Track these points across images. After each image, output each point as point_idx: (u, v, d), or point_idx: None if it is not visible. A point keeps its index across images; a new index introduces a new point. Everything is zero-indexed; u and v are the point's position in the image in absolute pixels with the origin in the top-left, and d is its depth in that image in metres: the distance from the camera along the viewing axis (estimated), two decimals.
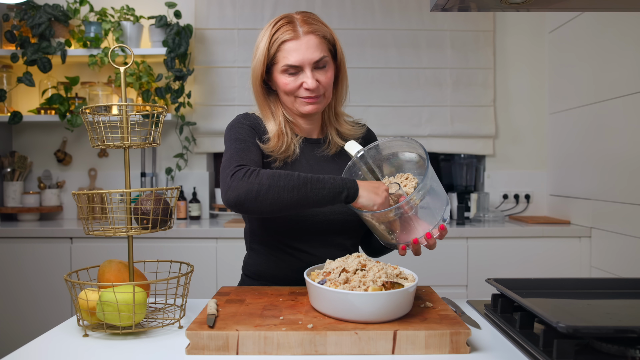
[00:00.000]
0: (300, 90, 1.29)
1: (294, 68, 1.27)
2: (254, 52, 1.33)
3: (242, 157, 1.21)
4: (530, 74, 3.19)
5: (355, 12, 3.14)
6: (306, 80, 1.28)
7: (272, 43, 1.28)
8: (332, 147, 1.40)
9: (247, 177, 1.13)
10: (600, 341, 0.88)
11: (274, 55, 1.28)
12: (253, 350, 0.90)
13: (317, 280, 1.04)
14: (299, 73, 1.28)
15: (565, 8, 1.28)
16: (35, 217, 3.04)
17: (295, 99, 1.31)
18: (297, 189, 1.12)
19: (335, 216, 1.32)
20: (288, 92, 1.30)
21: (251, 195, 1.12)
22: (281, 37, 1.27)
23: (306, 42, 1.27)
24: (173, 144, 3.18)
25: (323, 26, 1.31)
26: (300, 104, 1.31)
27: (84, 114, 1.11)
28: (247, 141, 1.28)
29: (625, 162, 2.35)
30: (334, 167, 1.38)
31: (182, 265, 1.44)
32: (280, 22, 1.29)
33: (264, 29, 1.31)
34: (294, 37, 1.27)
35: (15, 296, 2.66)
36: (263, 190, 1.12)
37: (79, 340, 1.00)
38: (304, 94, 1.29)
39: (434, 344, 0.91)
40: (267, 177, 1.13)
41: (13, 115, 2.91)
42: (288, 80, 1.29)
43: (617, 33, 2.42)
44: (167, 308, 1.17)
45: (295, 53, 1.26)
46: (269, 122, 1.34)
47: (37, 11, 2.87)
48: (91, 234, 1.08)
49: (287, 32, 1.27)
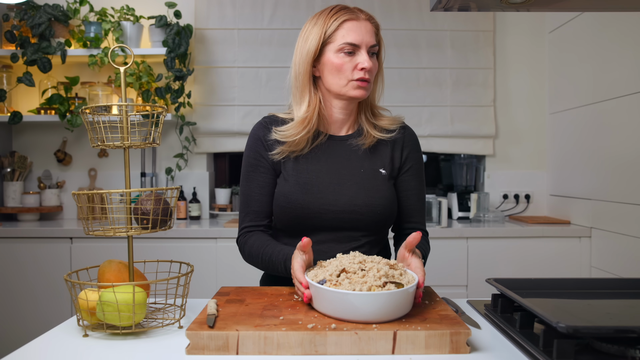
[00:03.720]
0: (354, 72, 1.29)
1: (352, 47, 1.28)
2: (303, 36, 1.34)
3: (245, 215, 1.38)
4: (530, 74, 3.19)
5: None
6: (362, 60, 1.28)
7: (331, 21, 1.29)
8: (365, 141, 1.38)
9: (241, 252, 1.39)
10: (600, 341, 0.88)
11: (332, 34, 1.29)
12: (253, 350, 0.90)
13: (316, 280, 1.03)
14: (354, 54, 1.29)
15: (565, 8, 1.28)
16: (35, 217, 3.04)
17: (347, 82, 1.30)
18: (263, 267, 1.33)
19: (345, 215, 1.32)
20: (343, 72, 1.30)
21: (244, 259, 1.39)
22: (341, 17, 1.29)
23: (365, 26, 1.30)
24: (173, 144, 3.18)
25: (375, 19, 1.34)
26: (351, 87, 1.31)
27: (84, 114, 1.11)
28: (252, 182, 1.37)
29: (625, 162, 2.35)
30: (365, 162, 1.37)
31: (182, 265, 1.44)
32: (335, 8, 1.31)
33: (314, 18, 1.33)
34: (355, 18, 1.29)
35: (15, 296, 2.66)
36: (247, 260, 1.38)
37: (79, 340, 1.00)
38: (357, 76, 1.29)
39: (434, 344, 0.91)
40: (247, 256, 1.36)
41: (13, 115, 2.91)
42: (345, 60, 1.29)
43: (617, 33, 2.42)
44: (167, 308, 1.17)
45: (355, 33, 1.28)
46: (301, 105, 1.35)
47: (37, 11, 2.87)
48: (91, 234, 1.08)
49: (346, 13, 1.30)
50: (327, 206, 1.31)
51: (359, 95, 1.31)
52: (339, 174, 1.35)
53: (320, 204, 1.31)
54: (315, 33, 1.30)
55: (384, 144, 1.40)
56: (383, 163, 1.38)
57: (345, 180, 1.34)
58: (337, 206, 1.31)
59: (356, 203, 1.32)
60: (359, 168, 1.36)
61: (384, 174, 1.37)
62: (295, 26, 3.13)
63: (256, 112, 3.14)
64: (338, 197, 1.32)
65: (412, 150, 1.42)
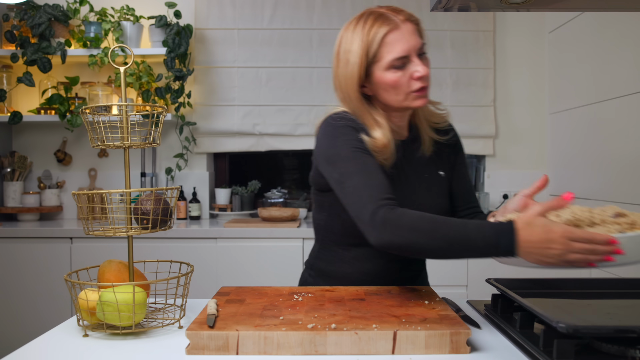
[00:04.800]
0: (410, 83, 1.19)
1: (401, 60, 1.18)
2: (341, 58, 1.22)
3: (373, 189, 1.10)
4: (530, 74, 3.19)
5: (355, 12, 3.10)
6: (417, 69, 1.18)
7: (371, 41, 1.18)
8: (427, 145, 1.31)
9: (388, 226, 1.04)
10: (600, 341, 0.88)
11: (375, 53, 1.18)
12: (253, 350, 0.90)
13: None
14: (405, 65, 1.19)
15: (565, 8, 1.28)
16: (35, 217, 3.04)
17: (405, 96, 1.20)
18: (442, 249, 1.03)
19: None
20: (399, 87, 1.19)
21: (395, 247, 1.06)
22: (380, 31, 1.17)
23: (407, 29, 1.19)
24: (173, 144, 3.17)
25: (411, 13, 1.23)
26: (411, 99, 1.21)
27: (84, 114, 1.11)
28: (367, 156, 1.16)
29: (625, 162, 2.35)
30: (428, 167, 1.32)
31: (182, 265, 1.44)
32: (370, 18, 1.20)
33: (349, 31, 1.22)
34: (394, 28, 1.18)
35: (15, 296, 2.66)
36: (405, 245, 1.04)
37: (79, 340, 1.00)
38: (416, 86, 1.19)
39: (434, 344, 0.91)
40: (409, 231, 1.03)
41: (13, 115, 2.90)
42: (397, 75, 1.19)
43: (617, 33, 2.42)
44: (167, 308, 1.17)
45: (400, 43, 1.17)
46: (375, 132, 1.21)
47: (37, 11, 2.87)
48: (91, 234, 1.08)
49: (383, 25, 1.18)
50: None
51: (422, 104, 1.22)
52: (408, 180, 1.30)
53: None
54: (356, 55, 1.19)
55: (439, 145, 1.35)
56: (442, 165, 1.35)
57: (415, 187, 1.30)
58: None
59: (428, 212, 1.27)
60: (423, 173, 1.32)
61: (442, 176, 1.34)
62: (295, 26, 3.13)
63: (256, 112, 3.14)
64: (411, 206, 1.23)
65: (460, 145, 1.41)
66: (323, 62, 3.13)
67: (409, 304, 1.09)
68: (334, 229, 1.33)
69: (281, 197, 3.16)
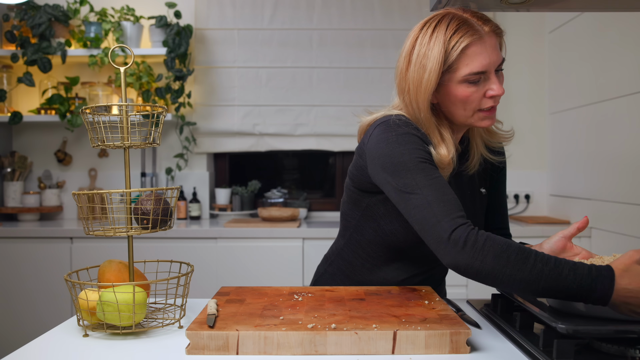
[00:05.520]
0: (483, 100, 1.12)
1: (478, 75, 1.10)
2: (414, 61, 1.13)
3: (448, 204, 1.03)
4: (530, 74, 3.19)
5: (355, 12, 3.14)
6: (492, 87, 1.10)
7: (452, 49, 1.09)
8: (475, 163, 1.23)
9: (468, 248, 0.97)
10: (600, 341, 0.88)
11: (453, 63, 1.09)
12: (253, 350, 0.90)
13: None
14: (480, 81, 1.11)
15: (565, 8, 1.28)
16: (35, 217, 3.04)
17: (473, 113, 1.13)
18: (528, 284, 0.93)
19: None
20: (470, 103, 1.11)
21: (471, 271, 0.97)
22: (463, 41, 1.08)
23: (490, 43, 1.10)
24: (173, 144, 3.18)
25: (496, 23, 1.14)
26: (478, 118, 1.13)
27: (84, 114, 1.11)
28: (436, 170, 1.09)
29: (625, 162, 2.35)
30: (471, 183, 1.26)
31: (182, 265, 1.44)
32: (452, 24, 1.10)
33: (428, 34, 1.12)
34: (478, 40, 1.09)
35: (15, 296, 2.66)
36: (484, 272, 0.96)
37: (79, 340, 1.00)
38: (487, 105, 1.12)
39: (434, 344, 0.91)
40: (493, 258, 0.95)
41: (13, 116, 2.91)
42: (470, 90, 1.10)
43: (617, 33, 2.42)
44: (167, 308, 1.17)
45: (481, 57, 1.09)
46: (440, 148, 1.14)
47: (37, 11, 2.87)
48: (91, 234, 1.08)
49: (467, 33, 1.09)
50: None
51: (488, 125, 1.14)
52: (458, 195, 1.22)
53: None
54: (434, 61, 1.09)
55: (485, 162, 1.28)
56: (485, 182, 1.31)
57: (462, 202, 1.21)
58: None
59: None
60: (467, 189, 1.26)
61: (483, 194, 1.30)
62: (295, 26, 3.13)
63: (256, 112, 3.14)
64: None
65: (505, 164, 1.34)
66: (323, 62, 3.13)
67: (409, 304, 1.09)
68: (364, 231, 1.27)
69: (281, 197, 3.17)
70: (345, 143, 3.17)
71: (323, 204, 3.34)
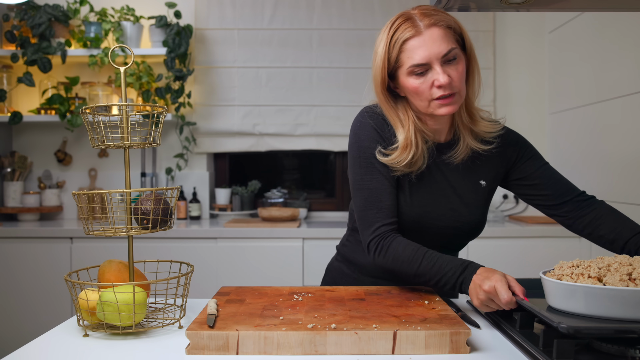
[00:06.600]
0: (432, 90, 1.17)
1: (421, 67, 1.16)
2: (373, 58, 1.23)
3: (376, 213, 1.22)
4: (530, 74, 3.19)
5: (355, 12, 3.14)
6: (437, 77, 1.15)
7: (392, 45, 1.18)
8: (461, 153, 1.27)
9: (378, 254, 1.21)
10: (600, 341, 0.88)
11: (397, 57, 1.19)
12: (253, 350, 0.90)
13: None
14: (427, 72, 1.17)
15: (565, 8, 1.28)
16: (35, 217, 3.04)
17: (428, 102, 1.19)
18: (417, 277, 1.17)
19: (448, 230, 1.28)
20: (420, 94, 1.19)
21: (380, 268, 1.24)
22: (401, 37, 1.17)
23: (430, 36, 1.15)
24: (173, 144, 3.18)
25: (445, 15, 1.19)
26: (435, 106, 1.19)
27: (84, 114, 1.11)
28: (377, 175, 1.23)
29: (625, 162, 2.35)
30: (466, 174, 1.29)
31: (182, 265, 1.44)
32: (397, 21, 1.19)
33: (381, 32, 1.22)
34: (415, 34, 1.16)
35: (15, 296, 2.66)
36: (389, 269, 1.21)
37: (79, 340, 1.00)
38: (437, 94, 1.17)
39: (434, 344, 0.91)
40: (392, 260, 1.19)
41: (13, 116, 2.91)
42: (418, 81, 1.18)
43: (617, 33, 2.42)
44: (167, 308, 1.18)
45: (420, 50, 1.15)
46: (398, 131, 1.24)
47: (37, 11, 2.87)
48: (91, 234, 1.08)
49: (406, 29, 1.17)
50: (433, 221, 1.27)
51: (446, 113, 1.19)
52: (439, 185, 1.28)
53: (428, 218, 1.26)
54: (379, 57, 1.20)
55: (485, 154, 1.30)
56: (484, 174, 1.31)
57: (447, 192, 1.28)
58: (442, 221, 1.27)
59: (458, 219, 1.28)
60: (460, 180, 1.29)
61: (484, 186, 1.31)
62: (295, 26, 3.13)
63: (256, 112, 3.14)
64: (444, 211, 1.27)
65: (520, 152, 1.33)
66: (323, 62, 3.13)
67: (409, 304, 1.09)
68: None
69: (281, 197, 3.17)
70: (345, 143, 3.17)
71: (323, 204, 3.34)
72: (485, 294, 1.05)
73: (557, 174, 1.34)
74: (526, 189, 1.34)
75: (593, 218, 1.29)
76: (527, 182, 1.33)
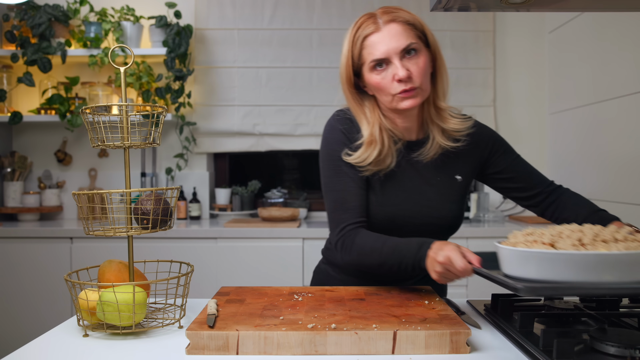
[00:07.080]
0: (393, 85, 1.20)
1: (381, 62, 1.20)
2: (341, 60, 1.27)
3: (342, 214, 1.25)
4: (530, 74, 3.19)
5: (355, 12, 3.14)
6: (397, 71, 1.18)
7: (354, 42, 1.23)
8: (431, 150, 1.29)
9: (344, 252, 1.25)
10: (600, 341, 0.88)
11: (360, 54, 1.23)
12: (253, 350, 0.90)
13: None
14: (387, 66, 1.21)
15: (565, 8, 1.28)
16: (35, 217, 3.04)
17: (392, 97, 1.22)
18: (381, 267, 1.21)
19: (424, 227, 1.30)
20: (382, 89, 1.22)
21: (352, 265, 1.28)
22: (362, 33, 1.22)
23: (388, 32, 1.20)
24: (173, 144, 3.18)
25: (405, 13, 1.23)
26: (397, 100, 1.21)
27: (84, 114, 1.11)
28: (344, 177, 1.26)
29: (625, 162, 2.35)
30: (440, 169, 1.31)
31: (182, 265, 1.44)
32: (361, 20, 1.24)
33: (348, 31, 1.26)
34: (374, 30, 1.21)
35: (15, 296, 2.66)
36: (355, 264, 1.26)
37: (79, 340, 1.00)
38: (398, 89, 1.20)
39: (434, 344, 0.91)
40: (357, 255, 1.23)
41: (13, 116, 2.91)
42: (380, 76, 1.21)
43: (617, 33, 2.42)
44: (167, 308, 1.18)
45: (379, 45, 1.19)
46: (363, 128, 1.27)
47: (37, 11, 2.87)
48: (91, 234, 1.08)
49: (367, 26, 1.21)
50: (407, 218, 1.28)
51: (409, 106, 1.21)
52: (413, 182, 1.30)
53: (402, 216, 1.28)
54: (344, 56, 1.25)
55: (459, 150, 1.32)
56: (459, 169, 1.33)
57: (421, 188, 1.30)
58: (417, 218, 1.29)
59: (434, 215, 1.29)
60: (435, 176, 1.31)
61: (459, 180, 1.33)
62: (295, 26, 3.13)
63: (256, 112, 3.14)
64: (419, 208, 1.28)
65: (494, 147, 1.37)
66: (323, 62, 3.13)
67: (409, 304, 1.09)
68: None
69: (281, 197, 3.17)
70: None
71: (323, 204, 3.33)
72: (440, 266, 1.08)
73: (529, 166, 1.41)
74: (502, 182, 1.40)
75: (559, 204, 1.35)
76: (502, 176, 1.38)
